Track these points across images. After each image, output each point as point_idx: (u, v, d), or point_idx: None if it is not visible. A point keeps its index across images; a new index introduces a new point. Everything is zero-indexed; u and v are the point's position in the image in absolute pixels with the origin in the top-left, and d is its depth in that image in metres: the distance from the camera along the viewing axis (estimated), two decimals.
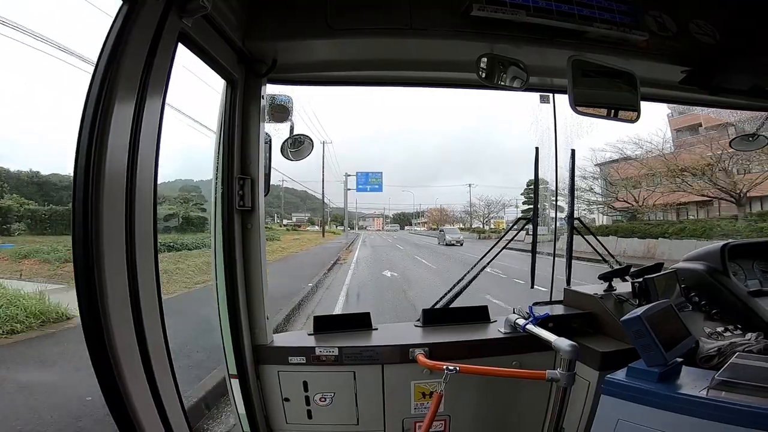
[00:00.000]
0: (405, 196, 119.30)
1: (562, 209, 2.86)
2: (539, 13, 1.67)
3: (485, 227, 47.52)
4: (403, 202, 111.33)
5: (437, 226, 56.98)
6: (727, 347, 1.71)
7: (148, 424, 1.10)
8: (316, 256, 18.97)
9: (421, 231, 62.94)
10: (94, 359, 1.01)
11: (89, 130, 0.98)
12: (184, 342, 5.34)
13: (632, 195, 24.41)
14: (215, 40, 1.53)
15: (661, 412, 1.29)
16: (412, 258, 20.33)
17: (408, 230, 69.46)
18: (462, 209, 58.25)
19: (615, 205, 26.12)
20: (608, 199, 26.28)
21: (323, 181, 40.75)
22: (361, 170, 43.39)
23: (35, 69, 18.94)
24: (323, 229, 43.64)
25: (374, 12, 1.73)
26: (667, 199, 22.62)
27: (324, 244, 27.92)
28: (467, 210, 55.05)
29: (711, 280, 2.23)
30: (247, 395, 1.89)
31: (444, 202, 71.36)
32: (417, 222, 73.03)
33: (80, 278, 0.99)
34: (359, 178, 38.50)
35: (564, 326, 1.97)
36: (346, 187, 39.99)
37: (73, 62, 12.79)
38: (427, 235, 48.17)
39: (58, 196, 18.59)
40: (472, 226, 50.48)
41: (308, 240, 30.91)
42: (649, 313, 1.42)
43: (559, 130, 2.54)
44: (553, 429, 1.74)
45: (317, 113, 35.85)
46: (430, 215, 67.00)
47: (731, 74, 2.01)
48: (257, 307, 1.93)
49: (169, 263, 12.35)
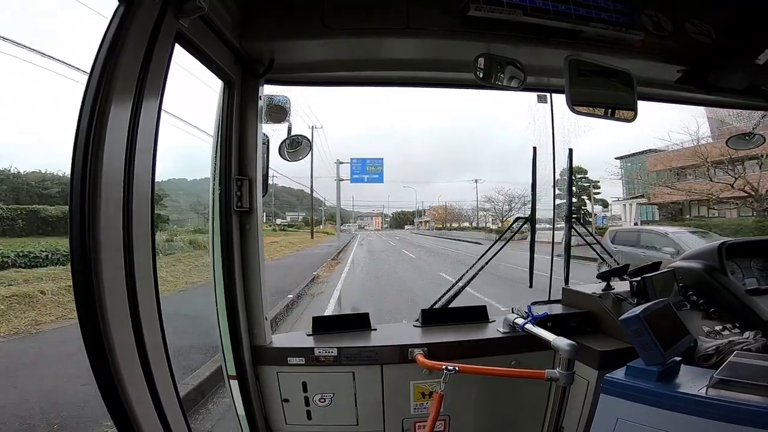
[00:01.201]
0: (402, 195, 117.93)
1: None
2: (536, 13, 1.68)
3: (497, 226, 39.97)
4: (402, 200, 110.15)
5: (443, 225, 53.93)
6: (726, 346, 1.72)
7: (146, 425, 1.10)
8: (284, 275, 11.31)
9: (425, 231, 57.25)
10: (92, 360, 1.01)
11: (86, 131, 0.98)
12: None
13: (679, 187, 21.53)
14: (212, 41, 1.52)
15: (660, 411, 1.29)
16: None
17: (409, 230, 63.15)
18: (471, 207, 51.46)
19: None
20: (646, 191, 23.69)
21: (312, 174, 33.29)
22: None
23: (30, 69, 18.81)
24: (312, 231, 37.80)
25: (371, 12, 1.73)
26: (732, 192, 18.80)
27: (307, 249, 22.40)
28: (483, 207, 45.84)
29: (709, 278, 2.24)
30: (247, 396, 1.89)
31: (443, 200, 65.46)
32: (419, 221, 66.72)
33: (78, 280, 0.99)
34: (355, 166, 29.18)
35: (563, 325, 1.97)
36: (338, 177, 30.72)
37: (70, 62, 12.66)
38: (436, 236, 41.36)
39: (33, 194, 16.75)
40: (485, 225, 43.64)
41: (290, 243, 24.68)
42: (647, 312, 1.42)
43: (557, 129, 2.54)
44: (553, 428, 1.75)
45: (309, 101, 32.24)
46: (435, 213, 60.51)
47: (727, 73, 2.02)
48: (256, 307, 1.92)
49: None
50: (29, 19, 26.72)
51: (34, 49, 10.27)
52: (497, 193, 45.57)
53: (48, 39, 14.87)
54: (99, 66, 1.01)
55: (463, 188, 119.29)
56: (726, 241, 2.35)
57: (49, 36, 20.73)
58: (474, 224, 48.76)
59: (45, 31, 23.89)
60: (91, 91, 1.00)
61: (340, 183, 31.67)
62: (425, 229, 60.94)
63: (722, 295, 2.17)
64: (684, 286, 2.23)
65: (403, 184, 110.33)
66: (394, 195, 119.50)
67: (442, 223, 56.01)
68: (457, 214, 56.15)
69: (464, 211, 54.27)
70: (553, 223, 3.09)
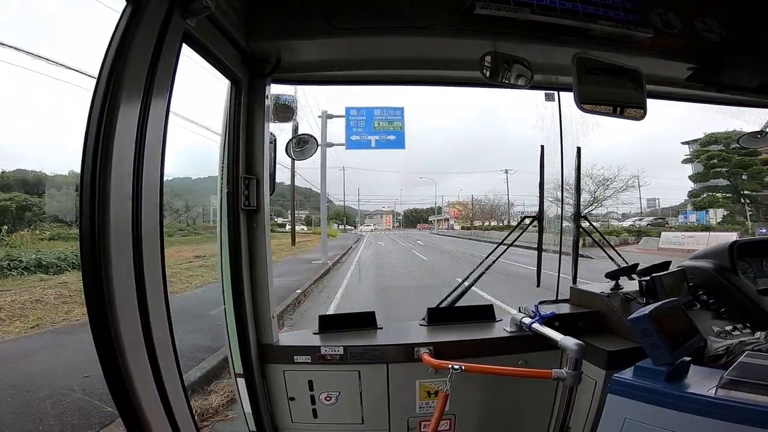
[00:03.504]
0: (415, 191, 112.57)
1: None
2: (543, 11, 1.67)
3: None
4: (414, 196, 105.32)
5: (470, 223, 45.78)
6: (736, 346, 1.69)
7: (154, 421, 1.11)
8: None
9: (444, 231, 48.09)
10: (101, 357, 1.02)
11: (96, 131, 0.99)
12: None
13: None
14: (219, 41, 1.54)
15: (668, 412, 1.28)
16: None
17: (429, 231, 52.21)
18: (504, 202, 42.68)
19: None
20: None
21: (293, 167, 22.75)
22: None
23: (35, 70, 18.99)
24: (293, 234, 26.58)
25: (376, 11, 1.73)
26: None
27: (278, 263, 15.41)
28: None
29: (719, 278, 2.21)
30: (253, 394, 1.90)
31: (465, 195, 55.95)
32: (437, 219, 57.24)
33: (88, 277, 1.00)
34: (354, 121, 14.83)
35: (570, 325, 1.96)
36: (324, 139, 17.07)
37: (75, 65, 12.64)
38: (465, 237, 34.02)
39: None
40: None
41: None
42: (656, 311, 1.40)
43: (565, 127, 2.53)
44: (559, 428, 1.73)
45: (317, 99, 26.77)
46: (455, 210, 52.00)
47: (737, 71, 2.00)
48: (263, 306, 1.94)
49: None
50: (33, 19, 26.73)
51: (38, 55, 10.41)
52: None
53: (47, 40, 14.95)
54: (107, 66, 1.02)
55: (486, 182, 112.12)
56: (737, 240, 2.32)
57: (48, 36, 20.74)
58: (505, 222, 41.49)
59: (46, 31, 23.87)
60: (101, 91, 1.01)
61: (326, 151, 19.03)
62: (443, 228, 52.79)
63: (733, 295, 2.14)
64: (694, 285, 2.21)
65: (420, 175, 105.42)
66: (407, 191, 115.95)
67: (469, 222, 47.51)
68: (488, 210, 46.04)
69: (497, 207, 44.52)
70: (561, 222, 3.06)
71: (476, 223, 46.46)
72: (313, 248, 22.92)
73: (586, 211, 25.56)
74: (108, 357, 1.02)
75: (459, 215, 51.87)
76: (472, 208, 48.77)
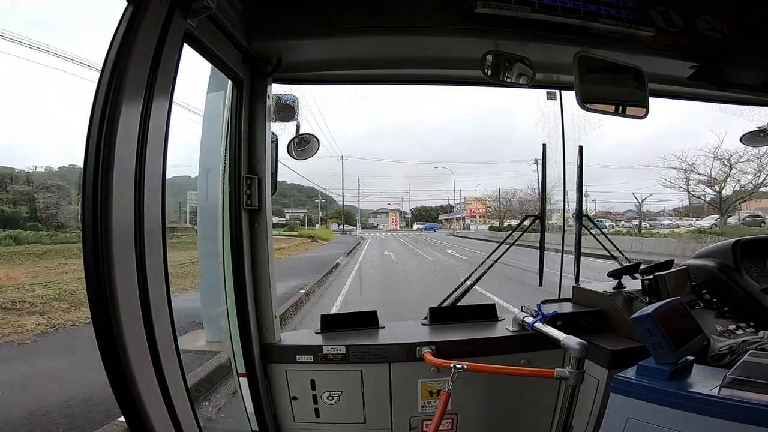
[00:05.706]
0: (426, 188, 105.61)
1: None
2: (544, 10, 1.67)
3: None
4: (422, 191, 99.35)
5: (501, 223, 37.55)
6: (739, 345, 1.69)
7: (157, 422, 1.11)
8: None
9: (462, 232, 39.36)
10: (104, 357, 1.02)
11: (98, 131, 0.99)
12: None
13: None
14: (220, 41, 1.54)
15: (671, 411, 1.28)
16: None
17: (450, 232, 42.32)
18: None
19: None
20: None
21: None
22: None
23: (36, 70, 18.73)
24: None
25: (377, 10, 1.73)
26: None
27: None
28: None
29: (723, 277, 2.20)
30: (256, 394, 1.90)
31: (483, 190, 48.82)
32: (450, 217, 48.13)
33: (90, 277, 1.00)
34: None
35: (573, 324, 1.95)
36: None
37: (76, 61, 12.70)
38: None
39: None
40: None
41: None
42: (659, 310, 1.40)
43: (567, 126, 2.52)
44: (562, 427, 1.73)
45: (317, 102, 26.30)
46: (474, 208, 43.45)
47: (740, 69, 1.99)
48: (265, 305, 1.94)
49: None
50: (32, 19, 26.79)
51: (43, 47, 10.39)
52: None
53: (48, 39, 14.92)
54: (109, 66, 1.02)
55: (506, 176, 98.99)
56: (741, 238, 2.31)
57: (49, 36, 20.66)
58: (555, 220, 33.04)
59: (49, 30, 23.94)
60: (102, 90, 1.01)
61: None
62: (459, 229, 43.80)
63: (736, 294, 2.13)
64: (697, 284, 2.20)
65: (433, 165, 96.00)
66: (416, 187, 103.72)
67: (500, 220, 39.06)
68: (529, 203, 32.83)
69: (527, 203, 33.39)
70: (563, 221, 3.05)
71: (505, 222, 37.75)
72: (299, 254, 17.98)
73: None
74: (111, 357, 1.02)
75: (479, 213, 43.90)
76: (501, 204, 40.46)
